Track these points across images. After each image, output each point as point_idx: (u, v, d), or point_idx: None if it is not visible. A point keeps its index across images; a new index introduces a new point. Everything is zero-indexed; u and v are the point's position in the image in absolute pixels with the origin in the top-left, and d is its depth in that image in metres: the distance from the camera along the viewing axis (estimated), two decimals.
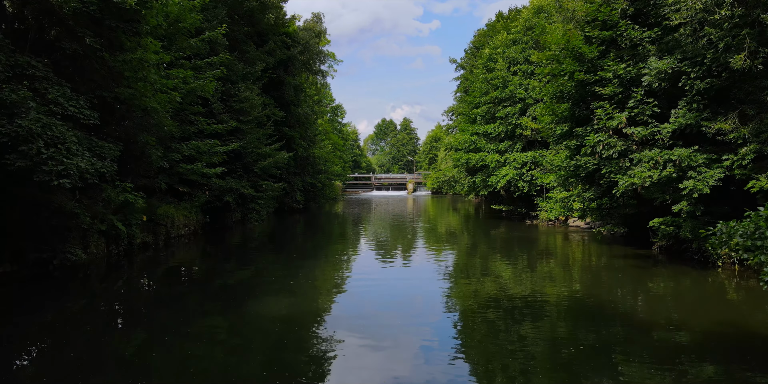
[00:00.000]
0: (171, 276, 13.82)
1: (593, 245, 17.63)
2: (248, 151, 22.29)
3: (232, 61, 21.70)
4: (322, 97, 49.86)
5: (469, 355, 7.28)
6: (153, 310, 10.12)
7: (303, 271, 14.12)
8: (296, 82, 29.16)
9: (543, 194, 25.51)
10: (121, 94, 11.66)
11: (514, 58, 25.67)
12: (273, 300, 10.52)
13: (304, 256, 17.93)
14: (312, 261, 16.65)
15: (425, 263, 15.89)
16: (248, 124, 22.11)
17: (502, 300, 10.40)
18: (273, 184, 22.69)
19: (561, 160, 16.70)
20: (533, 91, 24.46)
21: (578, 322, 9.04)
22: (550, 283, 12.40)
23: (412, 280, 13.19)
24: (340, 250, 20.23)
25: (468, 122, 31.85)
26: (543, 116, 17.89)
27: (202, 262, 16.57)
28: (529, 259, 16.66)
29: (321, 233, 27.52)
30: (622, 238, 17.09)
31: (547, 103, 18.51)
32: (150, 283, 12.92)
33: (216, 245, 20.28)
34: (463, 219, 36.51)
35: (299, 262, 16.32)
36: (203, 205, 21.42)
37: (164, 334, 8.23)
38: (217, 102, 20.92)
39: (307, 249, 20.68)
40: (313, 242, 23.66)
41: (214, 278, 13.31)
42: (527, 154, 24.92)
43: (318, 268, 15.02)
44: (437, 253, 18.32)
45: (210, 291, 11.74)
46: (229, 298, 10.82)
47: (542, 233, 23.19)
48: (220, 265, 15.86)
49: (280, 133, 29.19)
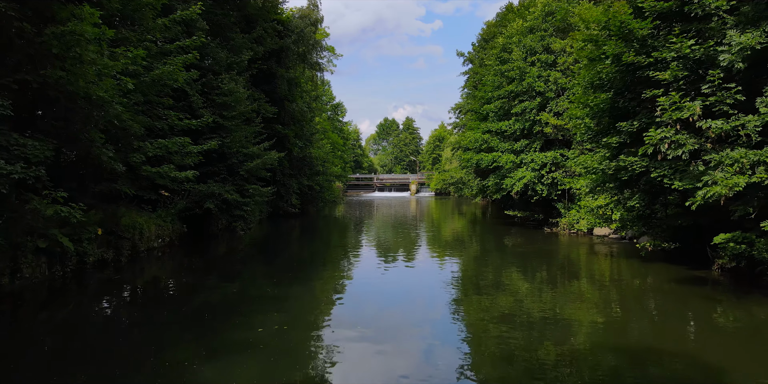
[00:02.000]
0: (131, 298, 11.32)
1: (633, 262, 14.92)
2: (233, 151, 19.67)
3: (213, 48, 19.07)
4: (320, 94, 47.23)
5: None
6: (98, 345, 7.71)
7: (295, 285, 12.45)
8: (290, 76, 26.51)
9: (564, 199, 22.82)
10: (49, 77, 9.04)
11: (531, 47, 22.97)
12: (259, 320, 8.81)
13: (297, 268, 15.90)
14: (306, 273, 14.81)
15: (431, 276, 14.24)
16: (233, 120, 19.48)
17: (523, 328, 8.25)
18: (261, 188, 20.01)
19: (596, 161, 14.03)
20: (553, 84, 21.79)
21: (617, 360, 6.85)
22: (579, 307, 10.06)
23: (415, 294, 11.79)
24: (338, 260, 17.80)
25: (478, 119, 29.16)
26: (573, 109, 15.22)
27: (175, 278, 14.06)
28: (552, 274, 14.27)
29: (317, 240, 24.92)
30: (671, 255, 14.39)
31: (577, 93, 15.83)
32: (101, 309, 10.42)
33: (196, 258, 17.67)
34: (472, 224, 33.82)
35: (291, 274, 14.45)
36: (181, 213, 18.81)
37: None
38: (196, 95, 18.30)
39: (302, 259, 18.36)
40: (308, 251, 21.14)
41: (188, 297, 11.21)
42: (547, 154, 22.23)
43: (312, 281, 13.37)
44: (445, 265, 16.35)
45: (181, 313, 9.76)
46: (205, 321, 9.01)
47: (565, 244, 20.51)
48: (199, 280, 13.58)
49: (272, 131, 26.55)
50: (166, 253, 17.30)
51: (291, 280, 13.68)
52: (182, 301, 11.06)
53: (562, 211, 22.85)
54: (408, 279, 13.96)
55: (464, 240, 24.93)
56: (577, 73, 16.72)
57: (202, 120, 14.79)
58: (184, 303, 10.81)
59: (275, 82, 25.56)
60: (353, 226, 32.57)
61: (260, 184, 21.18)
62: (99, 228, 13.17)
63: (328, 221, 35.76)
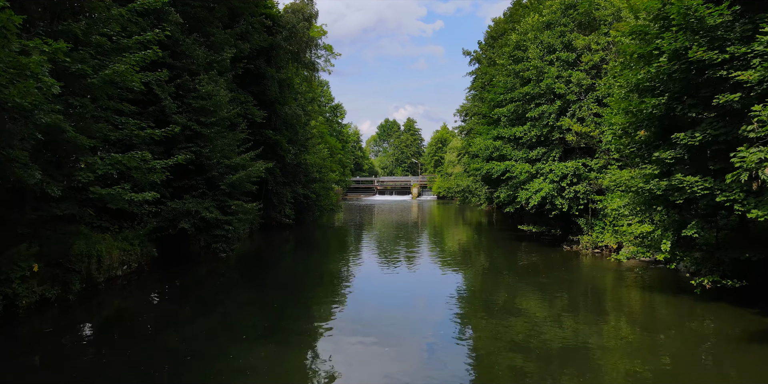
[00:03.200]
0: (73, 350, 9.11)
1: (682, 299, 12.44)
2: (213, 163, 17.25)
3: (189, 44, 16.63)
4: (317, 96, 44.82)
5: None
6: None
7: (286, 316, 11.28)
8: (282, 76, 24.05)
9: (586, 214, 20.37)
10: None
11: (550, 44, 20.52)
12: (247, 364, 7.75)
13: (288, 292, 14.37)
14: (298, 298, 13.50)
15: (437, 300, 12.99)
16: (212, 127, 17.06)
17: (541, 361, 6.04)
18: (245, 204, 17.56)
19: (641, 179, 11.61)
20: (575, 85, 19.32)
21: None
22: (616, 348, 8.50)
23: (421, 323, 10.85)
24: (334, 281, 15.99)
25: (487, 124, 26.73)
26: (609, 116, 12.80)
27: (140, 313, 11.93)
28: (576, 304, 12.49)
29: (312, 256, 22.72)
30: (734, 293, 11.93)
31: (614, 96, 13.40)
32: (36, 365, 8.29)
33: (169, 285, 15.34)
34: (478, 235, 31.40)
35: (282, 299, 13.15)
36: (152, 234, 16.41)
37: None
38: (169, 98, 15.88)
39: (293, 281, 16.51)
40: (301, 270, 19.08)
41: (155, 338, 9.60)
42: (567, 165, 19.75)
43: (305, 308, 12.27)
44: (453, 286, 15.29)
45: (140, 363, 7.97)
46: (178, 367, 7.73)
47: (588, 265, 18.10)
48: (170, 314, 11.73)
49: (262, 138, 24.14)
50: (132, 281, 14.91)
51: (281, 308, 12.18)
52: (146, 344, 9.13)
53: (584, 227, 20.40)
54: (412, 302, 12.98)
55: (472, 255, 22.69)
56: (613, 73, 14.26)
57: (167, 130, 12.33)
58: (149, 347, 8.92)
59: (264, 84, 23.12)
60: (351, 238, 30.25)
61: (246, 199, 18.73)
62: (36, 263, 10.76)
63: (325, 232, 33.38)
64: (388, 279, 16.27)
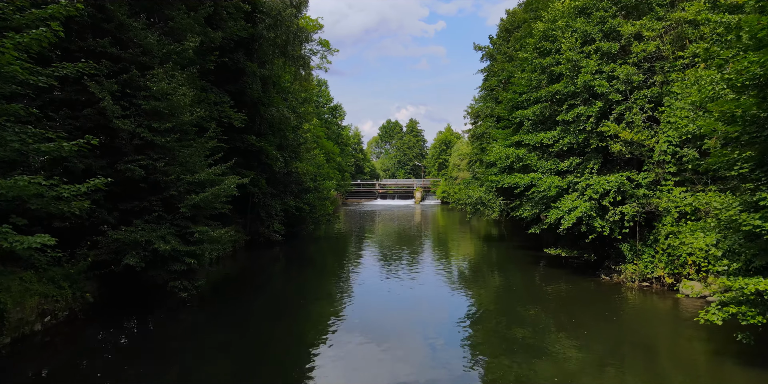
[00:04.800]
0: None
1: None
2: (171, 179, 13.70)
3: (137, 30, 13.06)
4: (314, 96, 41.26)
5: None
6: None
7: (265, 371, 9.22)
8: (265, 73, 20.44)
9: (633, 239, 16.73)
10: None
11: (586, 33, 16.91)
12: None
13: (270, 329, 11.95)
14: (282, 340, 11.29)
15: (450, 337, 11.30)
16: (168, 134, 13.52)
17: None
18: (211, 231, 13.97)
19: (736, 208, 8.04)
20: (621, 83, 15.68)
21: None
22: None
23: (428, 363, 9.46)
24: (323, 324, 12.70)
25: (504, 128, 23.19)
26: (702, 121, 9.23)
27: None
28: (634, 361, 9.79)
29: (304, 278, 19.79)
30: None
31: (704, 93, 9.80)
32: None
33: (109, 337, 11.83)
34: (490, 250, 27.84)
35: (262, 342, 10.93)
36: (89, 272, 12.87)
37: None
38: (108, 98, 12.32)
39: (278, 314, 13.70)
40: (291, 295, 16.28)
41: None
42: (609, 179, 16.08)
43: (292, 358, 10.02)
44: (467, 320, 13.10)
45: None
46: None
47: (638, 304, 14.71)
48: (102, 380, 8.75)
49: (244, 145, 20.60)
50: (57, 336, 11.39)
51: (261, 355, 10.02)
52: None
53: (628, 254, 16.77)
54: (421, 341, 11.22)
55: (486, 279, 19.50)
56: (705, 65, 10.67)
57: (80, 142, 8.77)
58: None
59: (244, 81, 19.53)
60: (349, 254, 26.79)
61: (215, 223, 15.16)
62: None
63: (320, 247, 29.86)
64: (389, 308, 14.27)
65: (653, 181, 15.97)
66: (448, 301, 15.49)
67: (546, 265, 21.48)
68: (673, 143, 15.01)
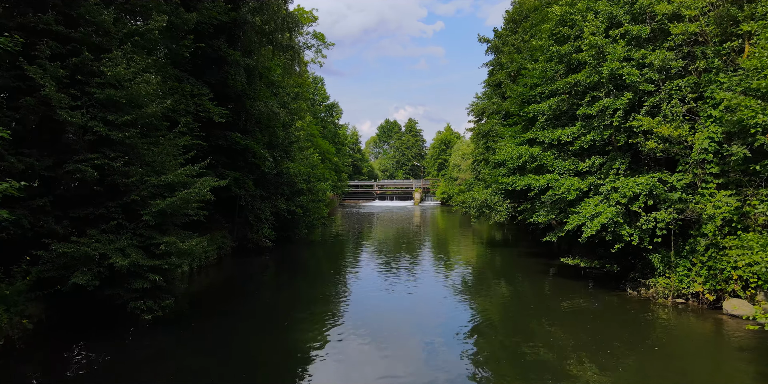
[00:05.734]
0: None
1: None
2: (132, 182, 11.64)
3: (89, 6, 10.99)
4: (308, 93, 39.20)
5: None
6: None
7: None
8: (251, 63, 18.38)
9: (666, 248, 14.70)
10: None
11: (612, 15, 14.91)
12: None
13: (249, 362, 9.62)
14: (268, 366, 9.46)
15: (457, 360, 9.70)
16: (128, 128, 11.46)
17: None
18: (179, 242, 11.86)
19: None
20: (654, 72, 13.66)
21: None
22: None
23: None
24: (315, 340, 11.09)
25: (514, 125, 21.19)
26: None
27: None
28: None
29: (296, 287, 17.91)
30: None
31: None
32: None
33: (47, 370, 9.71)
34: (495, 256, 25.76)
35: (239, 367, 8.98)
36: (33, 291, 10.79)
37: None
38: (51, 85, 10.25)
39: (259, 342, 11.28)
40: (276, 322, 13.96)
41: None
42: (638, 181, 14.04)
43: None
44: (477, 339, 11.05)
45: None
46: None
47: (674, 324, 12.80)
48: None
49: (227, 143, 18.53)
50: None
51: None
52: None
53: (659, 266, 14.75)
54: (422, 361, 9.75)
55: (494, 290, 17.47)
56: None
57: None
58: None
59: (226, 71, 17.47)
60: (345, 262, 24.73)
61: (186, 232, 13.10)
62: None
63: (314, 252, 27.81)
64: (388, 327, 12.37)
65: (689, 184, 13.97)
66: (451, 315, 13.63)
67: (558, 274, 19.48)
68: (715, 140, 13.02)
